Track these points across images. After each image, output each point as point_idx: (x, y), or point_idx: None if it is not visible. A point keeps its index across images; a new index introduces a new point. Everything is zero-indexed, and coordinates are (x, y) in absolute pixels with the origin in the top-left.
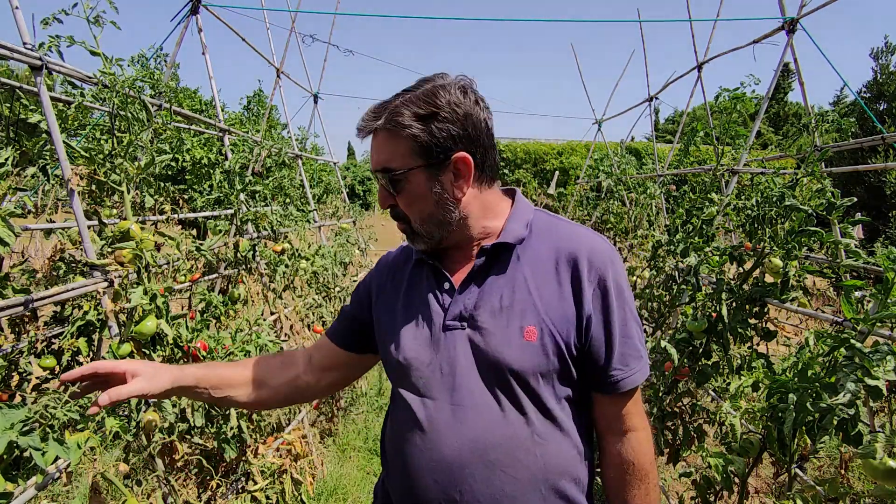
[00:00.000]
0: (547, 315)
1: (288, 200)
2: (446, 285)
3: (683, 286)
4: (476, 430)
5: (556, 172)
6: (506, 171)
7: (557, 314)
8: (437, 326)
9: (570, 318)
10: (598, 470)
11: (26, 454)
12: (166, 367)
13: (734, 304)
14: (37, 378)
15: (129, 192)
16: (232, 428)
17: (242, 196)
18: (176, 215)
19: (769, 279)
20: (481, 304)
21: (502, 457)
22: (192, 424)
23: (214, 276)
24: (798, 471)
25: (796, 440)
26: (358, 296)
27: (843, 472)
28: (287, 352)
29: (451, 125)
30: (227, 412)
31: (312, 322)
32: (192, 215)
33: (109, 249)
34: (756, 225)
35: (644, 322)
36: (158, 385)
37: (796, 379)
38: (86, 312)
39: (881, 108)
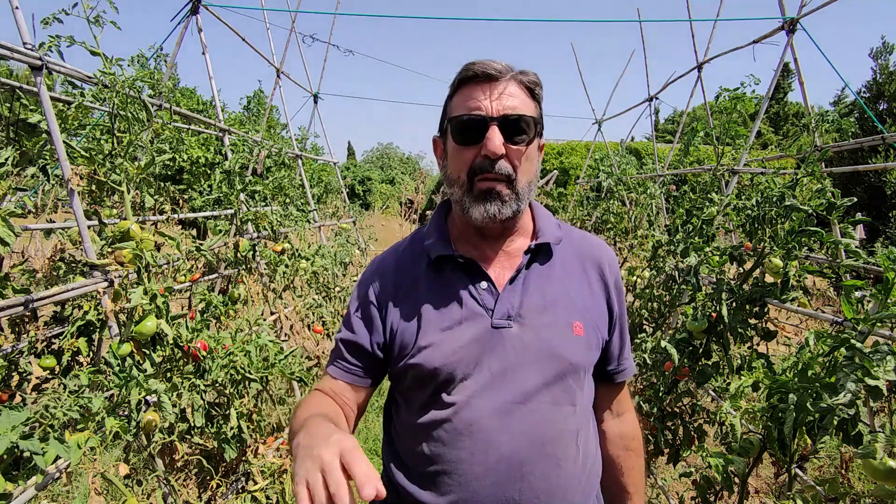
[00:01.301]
0: (588, 312)
1: (288, 200)
2: (484, 284)
3: (683, 286)
4: (533, 425)
5: (555, 172)
6: None
7: (595, 312)
8: (481, 326)
9: (604, 315)
10: None
11: (26, 454)
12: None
13: (734, 304)
14: (37, 378)
15: (129, 192)
16: (232, 428)
17: (242, 196)
18: (176, 215)
19: (769, 279)
20: (526, 302)
21: (559, 450)
22: (192, 424)
23: (214, 276)
24: (798, 471)
25: (796, 440)
26: (365, 317)
27: (843, 472)
28: (324, 397)
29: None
30: (227, 412)
31: (312, 322)
32: (191, 215)
33: (109, 249)
34: (756, 225)
35: (644, 322)
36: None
37: (796, 379)
38: (86, 312)
39: (881, 107)
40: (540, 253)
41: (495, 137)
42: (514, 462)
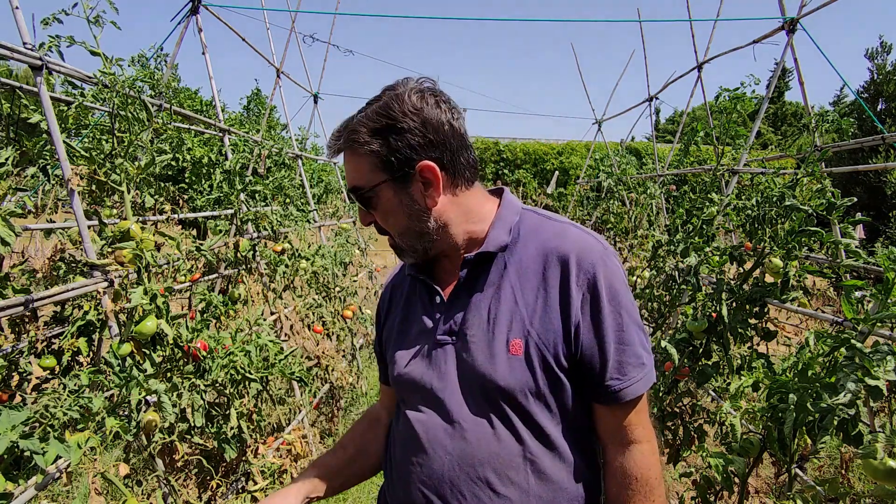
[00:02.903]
0: (532, 326)
1: (288, 200)
2: (437, 299)
3: (683, 286)
4: (465, 446)
5: (556, 173)
6: (506, 171)
7: (542, 324)
8: (429, 342)
9: (555, 327)
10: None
11: (27, 454)
12: (288, 489)
13: (734, 304)
14: (37, 378)
15: (129, 192)
16: (232, 428)
17: (242, 196)
18: (176, 215)
19: (769, 279)
20: (469, 318)
21: (491, 475)
22: (192, 424)
23: (214, 276)
24: (798, 471)
25: (796, 440)
26: (377, 330)
27: (843, 472)
28: (367, 411)
29: (409, 135)
30: (227, 412)
31: (312, 322)
32: (192, 215)
33: (109, 249)
34: (756, 225)
35: (644, 322)
36: None
37: (796, 379)
38: (86, 312)
39: (879, 108)
40: (485, 263)
41: (360, 211)
42: (444, 480)
